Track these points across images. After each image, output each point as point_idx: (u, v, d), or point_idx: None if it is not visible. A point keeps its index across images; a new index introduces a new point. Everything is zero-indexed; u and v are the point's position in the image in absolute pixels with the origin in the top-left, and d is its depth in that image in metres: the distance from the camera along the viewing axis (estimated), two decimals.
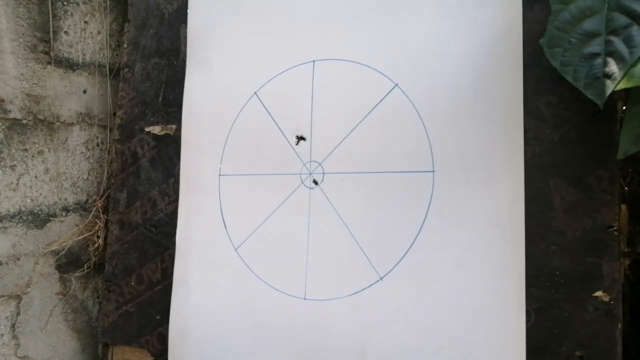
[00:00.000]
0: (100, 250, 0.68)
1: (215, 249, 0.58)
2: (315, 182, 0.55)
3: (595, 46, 0.41)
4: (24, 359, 0.62)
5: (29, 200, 0.63)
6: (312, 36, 0.56)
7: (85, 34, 0.68)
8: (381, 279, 0.52)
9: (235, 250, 0.58)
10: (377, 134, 0.52)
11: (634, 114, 0.41)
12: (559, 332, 0.46)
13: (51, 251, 0.65)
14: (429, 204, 0.50)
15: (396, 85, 0.52)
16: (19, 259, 0.62)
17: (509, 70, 0.48)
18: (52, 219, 0.65)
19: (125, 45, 0.67)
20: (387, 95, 0.52)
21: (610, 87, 0.39)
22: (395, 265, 0.51)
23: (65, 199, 0.67)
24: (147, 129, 0.64)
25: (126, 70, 0.66)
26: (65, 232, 0.66)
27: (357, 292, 0.52)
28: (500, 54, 0.49)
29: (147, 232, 0.63)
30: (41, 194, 0.64)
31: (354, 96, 0.53)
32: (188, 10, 0.63)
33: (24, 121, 0.62)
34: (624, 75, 0.39)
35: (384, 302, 0.51)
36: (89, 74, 0.69)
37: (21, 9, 0.61)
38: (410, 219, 0.51)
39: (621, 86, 0.39)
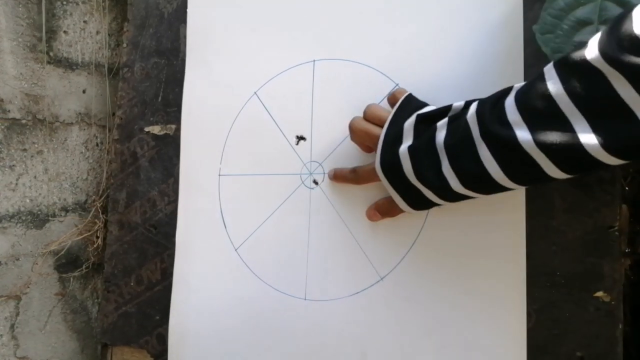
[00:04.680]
0: (99, 250, 0.68)
1: (215, 249, 0.58)
2: (316, 182, 0.55)
3: (586, 34, 0.41)
4: None
5: (28, 201, 0.62)
6: (313, 36, 0.56)
7: (84, 33, 0.68)
8: (382, 279, 0.52)
9: (235, 250, 0.57)
10: None
11: None
12: (559, 333, 0.46)
13: (50, 251, 0.65)
14: None
15: (397, 85, 0.52)
16: (18, 259, 0.62)
17: (510, 70, 0.48)
18: (51, 219, 0.65)
19: (124, 45, 0.67)
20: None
21: None
22: (396, 266, 0.51)
23: (65, 199, 0.66)
24: (146, 129, 0.64)
25: (125, 70, 0.66)
26: (65, 232, 0.66)
27: (357, 292, 0.52)
28: (500, 54, 0.49)
29: (147, 232, 0.63)
30: (40, 194, 0.64)
31: (355, 96, 0.53)
32: (188, 10, 0.63)
33: (23, 121, 0.62)
34: None
35: (385, 302, 0.51)
36: (88, 73, 0.69)
37: (20, 9, 0.61)
38: (411, 219, 0.51)
39: None
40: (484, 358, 0.48)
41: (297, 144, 0.56)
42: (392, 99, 0.50)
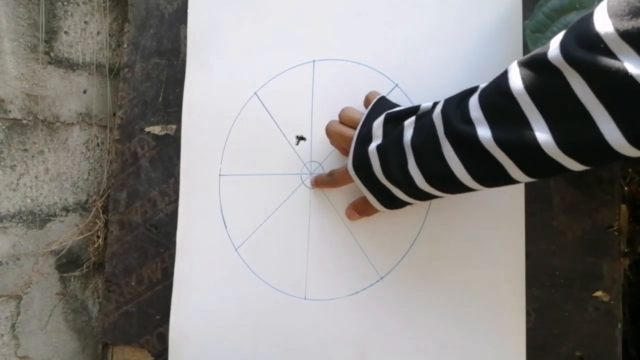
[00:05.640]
0: (100, 250, 0.68)
1: (215, 249, 0.59)
2: None
3: None
4: (23, 359, 0.62)
5: (29, 200, 0.63)
6: (312, 36, 0.56)
7: (85, 34, 0.68)
8: (381, 278, 0.52)
9: (236, 250, 0.58)
10: None
11: None
12: (559, 332, 0.46)
13: (51, 251, 0.65)
14: (430, 203, 0.50)
15: (396, 85, 0.52)
16: (19, 259, 0.62)
17: None
18: (52, 219, 0.65)
19: (125, 46, 0.67)
20: (387, 95, 0.51)
21: None
22: (396, 265, 0.51)
23: (66, 199, 0.67)
24: (147, 129, 0.64)
25: (126, 70, 0.66)
26: (65, 232, 0.66)
27: (357, 292, 0.52)
28: (499, 54, 0.49)
29: (147, 232, 0.63)
30: (41, 194, 0.64)
31: (355, 96, 0.53)
32: (188, 10, 0.63)
33: (24, 121, 0.62)
34: None
35: (384, 302, 0.51)
36: (89, 74, 0.69)
37: (21, 9, 0.61)
38: (411, 219, 0.51)
39: None
40: (483, 357, 0.48)
41: (297, 144, 0.56)
42: (366, 102, 0.50)
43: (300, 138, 0.56)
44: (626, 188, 0.53)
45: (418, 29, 0.52)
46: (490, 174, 0.37)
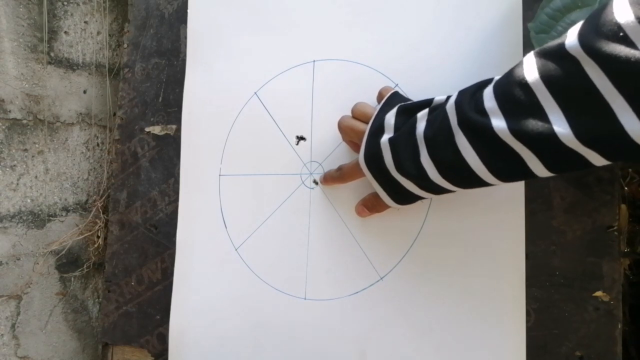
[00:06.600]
0: (100, 250, 0.68)
1: (215, 249, 0.59)
2: (316, 182, 0.55)
3: None
4: (24, 359, 0.62)
5: (29, 200, 0.63)
6: (313, 36, 0.56)
7: (85, 34, 0.68)
8: (381, 278, 0.52)
9: (236, 250, 0.58)
10: None
11: None
12: (559, 332, 0.46)
13: (51, 251, 0.65)
14: (430, 203, 0.50)
15: (397, 85, 0.52)
16: (19, 259, 0.62)
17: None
18: (52, 219, 0.65)
19: (125, 46, 0.67)
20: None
21: None
22: (396, 265, 0.51)
23: (66, 199, 0.67)
24: (147, 129, 0.64)
25: (126, 70, 0.66)
26: (65, 232, 0.66)
27: (357, 292, 0.52)
28: (500, 54, 0.49)
29: (147, 232, 0.63)
30: (41, 194, 0.64)
31: (355, 96, 0.53)
32: (188, 10, 0.63)
33: (24, 121, 0.62)
34: None
35: (384, 302, 0.51)
36: (89, 74, 0.69)
37: (21, 9, 0.61)
38: (411, 219, 0.51)
39: None
40: (483, 357, 0.48)
41: (297, 144, 0.56)
42: (379, 97, 0.50)
43: (300, 138, 0.56)
44: (626, 188, 0.53)
45: (418, 29, 0.52)
46: (509, 167, 0.36)
